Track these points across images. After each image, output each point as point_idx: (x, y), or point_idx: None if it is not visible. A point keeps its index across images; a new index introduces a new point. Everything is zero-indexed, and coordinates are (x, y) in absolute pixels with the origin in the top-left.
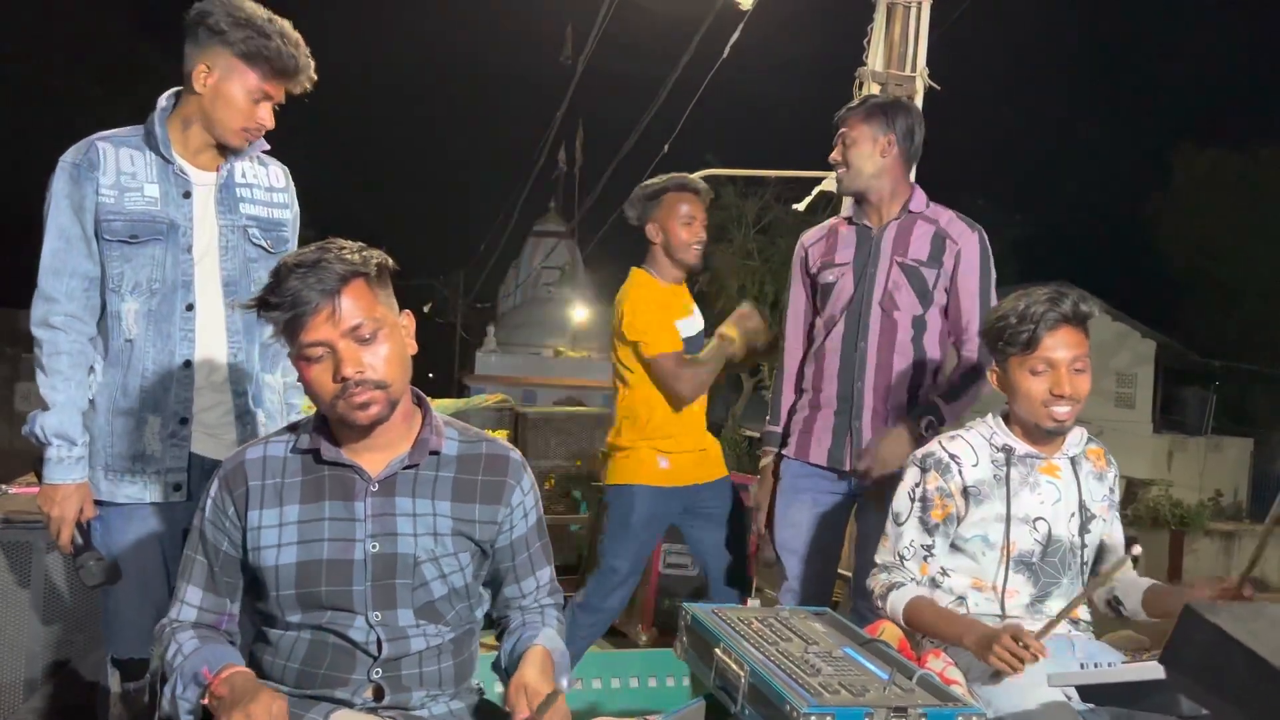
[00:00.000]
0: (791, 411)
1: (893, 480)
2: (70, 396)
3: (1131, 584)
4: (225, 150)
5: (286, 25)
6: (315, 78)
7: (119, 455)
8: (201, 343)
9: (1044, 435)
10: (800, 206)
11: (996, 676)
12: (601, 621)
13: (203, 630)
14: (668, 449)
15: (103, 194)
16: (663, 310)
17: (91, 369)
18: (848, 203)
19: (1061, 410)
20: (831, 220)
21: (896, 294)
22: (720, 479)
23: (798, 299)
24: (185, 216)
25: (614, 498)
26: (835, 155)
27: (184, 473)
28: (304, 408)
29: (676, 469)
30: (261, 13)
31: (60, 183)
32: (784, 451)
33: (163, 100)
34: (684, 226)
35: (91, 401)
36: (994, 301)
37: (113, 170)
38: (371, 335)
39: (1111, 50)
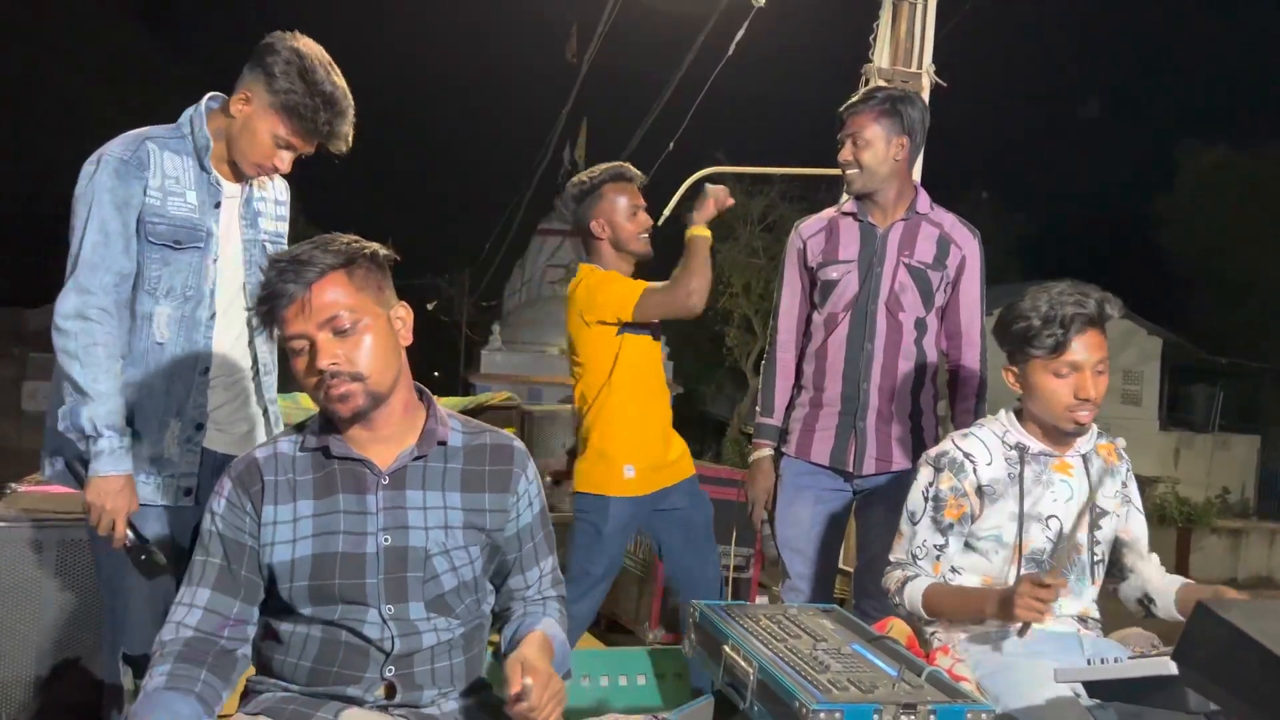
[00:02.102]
0: (789, 408)
1: (894, 479)
2: (113, 387)
3: (1164, 583)
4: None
5: (340, 91)
6: (350, 144)
7: (137, 456)
8: (219, 351)
9: (1061, 435)
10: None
11: (1025, 629)
12: (574, 629)
13: (184, 663)
14: (634, 458)
15: (150, 195)
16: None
17: None
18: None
19: (1084, 414)
20: (828, 212)
21: (903, 295)
22: (688, 479)
23: (793, 292)
24: (216, 226)
25: (586, 505)
26: (846, 155)
27: (194, 477)
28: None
29: (642, 478)
30: (321, 72)
31: (104, 176)
32: (784, 450)
33: (203, 104)
34: (629, 219)
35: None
36: (985, 306)
37: (159, 173)
38: (350, 326)
39: (1117, 47)
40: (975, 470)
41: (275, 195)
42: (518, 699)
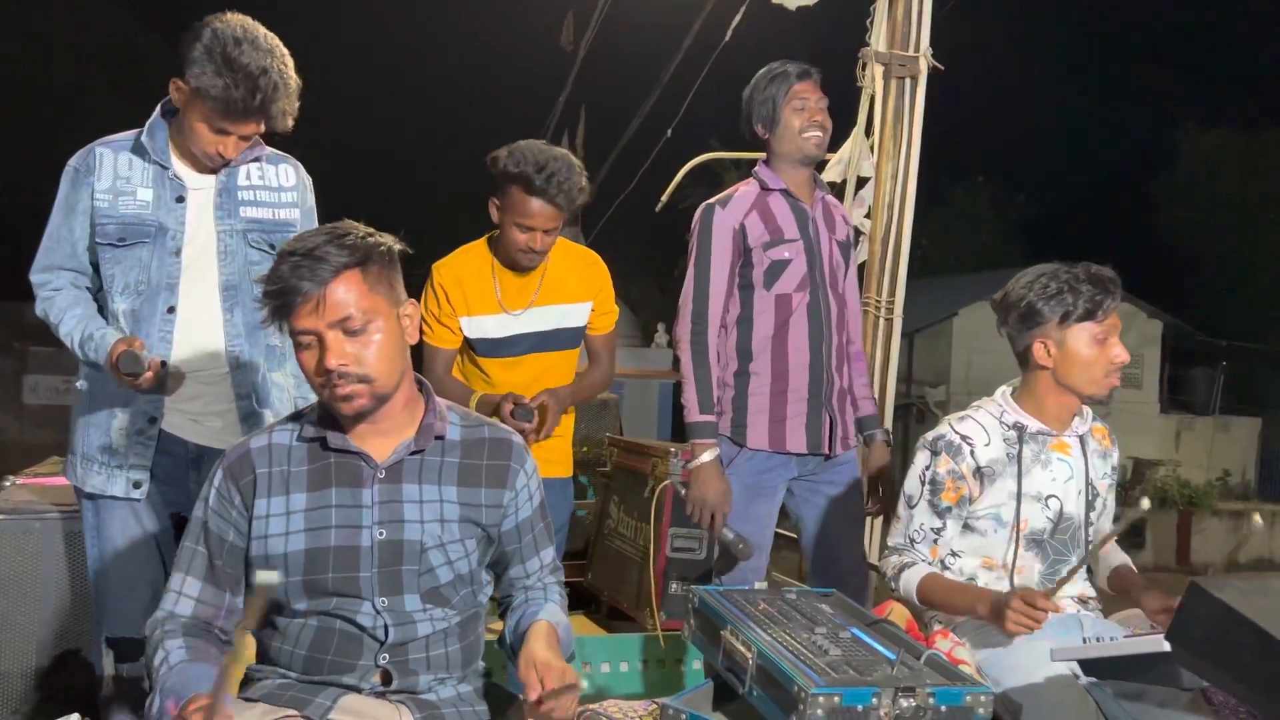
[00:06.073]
0: (738, 398)
1: (831, 463)
2: (74, 313)
3: (1107, 556)
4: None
5: (258, 67)
6: (290, 124)
7: (91, 445)
8: (183, 344)
9: (1066, 409)
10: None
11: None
12: None
13: (193, 638)
14: None
15: (98, 198)
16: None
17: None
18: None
19: (1117, 379)
20: (747, 190)
21: (838, 273)
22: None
23: (723, 274)
24: (177, 220)
25: None
26: (826, 120)
27: (145, 471)
28: None
29: None
30: (237, 49)
31: (63, 185)
32: (742, 444)
33: (161, 105)
34: (517, 230)
35: (80, 389)
36: None
37: (109, 175)
38: (361, 327)
39: (1117, 29)
40: (973, 453)
41: (278, 182)
42: (539, 702)
